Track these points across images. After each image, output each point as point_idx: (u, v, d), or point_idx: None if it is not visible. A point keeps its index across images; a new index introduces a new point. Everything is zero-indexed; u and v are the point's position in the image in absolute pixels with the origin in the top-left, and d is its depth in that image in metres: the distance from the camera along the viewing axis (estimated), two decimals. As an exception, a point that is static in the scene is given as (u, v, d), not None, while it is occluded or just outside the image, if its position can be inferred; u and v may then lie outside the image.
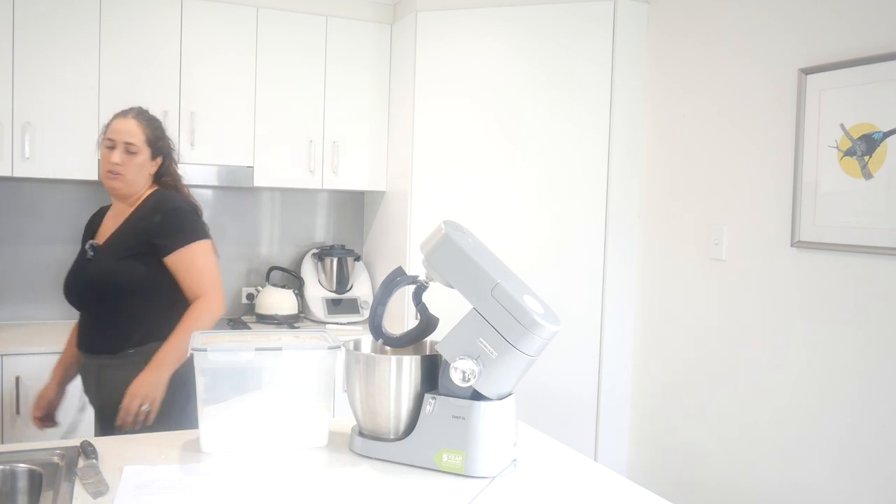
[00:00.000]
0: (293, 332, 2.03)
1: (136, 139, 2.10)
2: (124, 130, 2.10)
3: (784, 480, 2.44)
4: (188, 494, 1.39)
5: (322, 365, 1.69)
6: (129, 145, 2.09)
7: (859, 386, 2.21)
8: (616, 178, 3.06)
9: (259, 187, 3.49)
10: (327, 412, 1.71)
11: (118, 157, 2.08)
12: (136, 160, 2.10)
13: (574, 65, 3.07)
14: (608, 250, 3.07)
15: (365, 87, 3.48)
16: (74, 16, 3.01)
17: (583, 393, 3.10)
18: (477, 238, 1.67)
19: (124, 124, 2.11)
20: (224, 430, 1.62)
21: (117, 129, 2.10)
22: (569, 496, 1.47)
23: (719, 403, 2.69)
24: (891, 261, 2.12)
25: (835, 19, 2.29)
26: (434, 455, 1.53)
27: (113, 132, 2.11)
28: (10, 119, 2.94)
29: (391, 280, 1.65)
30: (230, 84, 3.27)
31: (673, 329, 2.92)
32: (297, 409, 1.69)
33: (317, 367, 1.69)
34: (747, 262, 2.59)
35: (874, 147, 2.15)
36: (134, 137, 2.10)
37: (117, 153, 2.08)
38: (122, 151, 2.09)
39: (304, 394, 1.69)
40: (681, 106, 2.90)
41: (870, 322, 2.18)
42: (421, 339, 1.69)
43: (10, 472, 1.51)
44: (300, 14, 3.37)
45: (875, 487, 2.16)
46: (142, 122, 2.13)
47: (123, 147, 2.09)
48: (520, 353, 1.48)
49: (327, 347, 1.68)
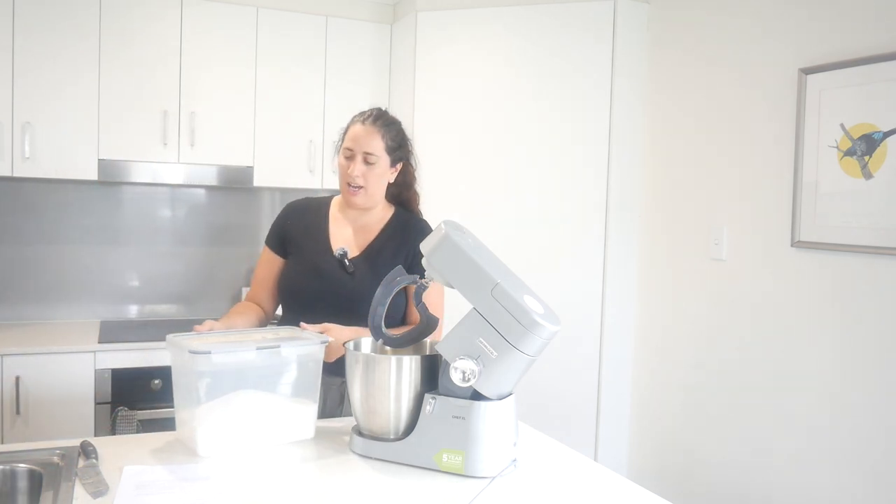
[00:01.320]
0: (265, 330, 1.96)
1: (375, 148, 1.94)
2: (363, 138, 1.95)
3: (784, 480, 2.44)
4: (188, 494, 1.39)
5: (313, 359, 1.72)
6: (369, 155, 1.95)
7: (860, 385, 2.21)
8: (616, 178, 3.06)
9: (259, 187, 3.49)
10: (315, 405, 1.73)
11: (358, 169, 1.94)
12: (376, 171, 1.95)
13: (574, 65, 3.07)
14: (608, 250, 3.06)
15: (365, 87, 3.48)
16: (74, 16, 3.01)
17: (583, 393, 3.10)
18: (477, 238, 1.67)
19: (363, 130, 1.96)
20: (219, 431, 1.62)
21: (356, 137, 1.96)
22: (569, 496, 1.47)
23: (719, 403, 2.69)
24: (891, 261, 2.12)
25: (835, 19, 2.29)
26: (434, 455, 1.53)
27: (351, 140, 1.96)
28: (10, 119, 2.94)
29: (391, 280, 1.65)
30: (230, 84, 3.27)
31: (673, 329, 2.92)
32: (286, 405, 1.70)
33: (307, 362, 1.71)
34: (747, 262, 2.59)
35: (874, 147, 2.15)
36: (373, 146, 1.94)
37: (357, 164, 1.94)
38: (361, 162, 1.95)
39: (294, 389, 1.71)
40: (681, 106, 2.90)
41: (870, 322, 2.18)
42: (421, 339, 1.69)
43: (10, 472, 1.51)
44: (300, 14, 3.37)
45: (875, 487, 2.16)
46: (380, 127, 1.96)
47: (363, 157, 1.95)
48: (520, 353, 1.48)
49: (321, 342, 1.71)
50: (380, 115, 2.00)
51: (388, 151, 1.98)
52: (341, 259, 1.98)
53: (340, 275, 1.97)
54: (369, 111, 2.01)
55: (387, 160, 1.98)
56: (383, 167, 1.98)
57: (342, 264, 1.97)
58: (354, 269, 1.97)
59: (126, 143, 3.11)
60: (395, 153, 2.00)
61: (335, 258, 1.98)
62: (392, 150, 1.98)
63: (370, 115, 1.99)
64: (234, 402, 1.63)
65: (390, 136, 1.97)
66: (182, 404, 1.66)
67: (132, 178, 3.18)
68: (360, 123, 1.98)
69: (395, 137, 1.99)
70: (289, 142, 3.38)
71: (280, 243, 2.10)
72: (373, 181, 1.96)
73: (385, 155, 1.97)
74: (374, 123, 1.96)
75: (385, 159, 1.97)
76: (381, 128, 1.96)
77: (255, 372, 1.66)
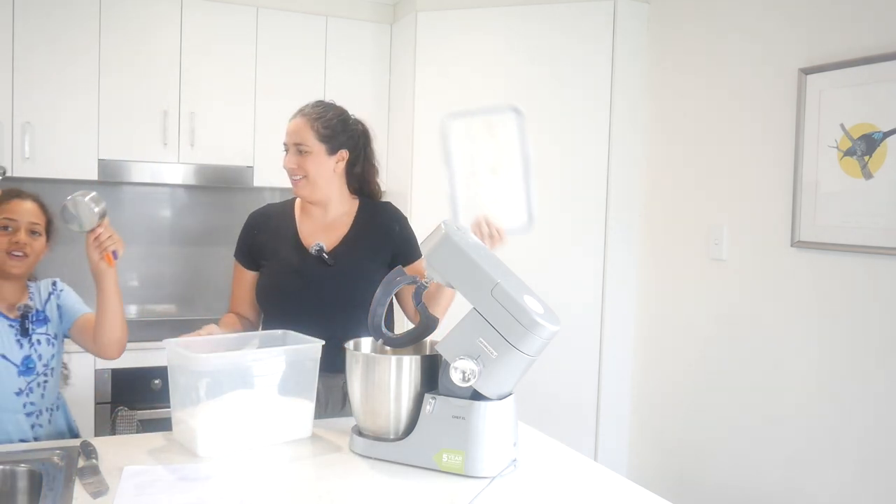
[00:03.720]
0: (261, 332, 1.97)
1: (304, 139, 1.96)
2: (292, 131, 1.98)
3: (784, 480, 2.43)
4: (188, 494, 1.39)
5: (310, 357, 1.72)
6: (299, 145, 1.97)
7: (860, 385, 2.21)
8: (616, 178, 3.06)
9: (259, 187, 3.49)
10: (311, 403, 1.74)
11: (291, 161, 1.97)
12: (311, 160, 1.97)
13: (574, 64, 3.07)
14: (608, 250, 3.06)
15: (365, 87, 3.48)
16: (74, 16, 3.01)
17: (583, 393, 3.10)
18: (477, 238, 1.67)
19: (293, 124, 1.99)
20: (218, 431, 1.62)
21: (288, 131, 1.99)
22: (569, 496, 1.47)
23: (719, 403, 2.69)
24: (891, 261, 2.12)
25: (835, 19, 2.29)
26: (434, 455, 1.53)
27: (286, 134, 2.00)
28: (10, 119, 2.94)
29: (391, 280, 1.65)
30: (230, 84, 3.27)
31: (673, 329, 2.92)
32: (283, 404, 1.71)
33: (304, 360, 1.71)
34: (747, 262, 2.59)
35: (874, 147, 2.15)
36: (301, 137, 1.96)
37: (290, 156, 1.98)
38: (294, 153, 1.98)
39: (290, 388, 1.71)
40: (681, 106, 2.90)
41: (870, 322, 2.18)
42: (421, 339, 1.69)
43: (10, 472, 1.51)
44: (300, 14, 3.37)
45: (875, 487, 2.16)
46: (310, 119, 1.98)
47: (295, 149, 1.98)
48: (520, 353, 1.48)
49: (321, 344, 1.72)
50: (315, 105, 2.02)
51: (323, 140, 1.97)
52: (318, 254, 1.97)
53: (320, 270, 1.96)
54: (305, 105, 2.03)
55: (321, 148, 1.97)
56: (319, 156, 1.97)
57: (320, 259, 1.97)
58: (335, 260, 1.96)
59: (126, 143, 3.11)
60: (332, 141, 1.99)
61: (311, 256, 1.98)
62: (327, 137, 1.97)
63: (302, 108, 2.02)
64: (231, 402, 1.63)
65: (321, 124, 1.97)
66: (179, 405, 1.66)
67: (132, 178, 3.18)
68: (293, 117, 2.01)
69: (329, 125, 1.98)
70: (289, 142, 3.38)
71: (249, 256, 2.09)
72: (311, 170, 1.97)
73: (318, 143, 1.97)
74: (302, 115, 1.99)
75: (319, 147, 1.97)
76: (310, 118, 1.97)
77: (253, 372, 1.66)
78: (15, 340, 1.79)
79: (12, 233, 1.79)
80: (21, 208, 1.81)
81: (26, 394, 1.79)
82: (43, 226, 1.85)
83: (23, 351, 1.79)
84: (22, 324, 1.80)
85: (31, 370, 1.80)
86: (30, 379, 1.80)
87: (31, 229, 1.81)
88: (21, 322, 1.80)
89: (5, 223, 1.79)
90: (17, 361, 1.78)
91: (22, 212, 1.81)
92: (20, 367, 1.78)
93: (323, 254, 1.96)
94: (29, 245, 1.80)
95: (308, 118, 1.97)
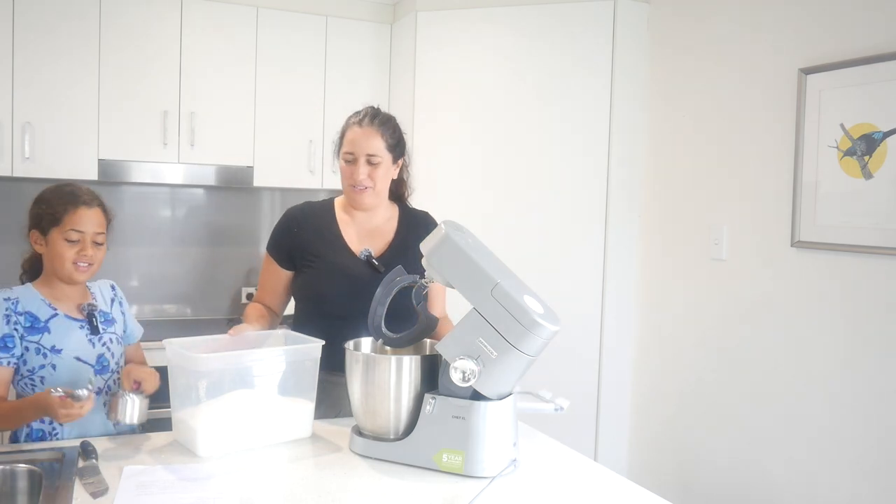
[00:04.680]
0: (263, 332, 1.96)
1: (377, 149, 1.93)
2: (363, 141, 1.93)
3: (784, 480, 2.44)
4: (188, 494, 1.39)
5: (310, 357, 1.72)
6: (372, 157, 1.93)
7: (860, 385, 2.21)
8: (616, 178, 3.06)
9: (259, 187, 3.49)
10: (311, 403, 1.74)
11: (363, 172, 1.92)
12: (380, 170, 1.94)
13: (574, 64, 3.07)
14: (608, 250, 3.06)
15: (365, 87, 3.48)
16: (74, 16, 3.01)
17: (583, 393, 3.10)
18: (477, 238, 1.67)
19: (362, 133, 1.93)
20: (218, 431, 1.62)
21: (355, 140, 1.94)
22: (569, 496, 1.47)
23: (719, 403, 2.69)
24: (891, 261, 2.12)
25: (835, 19, 2.29)
26: (434, 455, 1.53)
27: (350, 143, 1.95)
28: (10, 119, 2.94)
29: (391, 280, 1.65)
30: (230, 84, 3.27)
31: (673, 329, 2.92)
32: (284, 404, 1.71)
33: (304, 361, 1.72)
34: (747, 262, 2.59)
35: (874, 147, 2.15)
36: (374, 147, 1.92)
37: (361, 167, 1.93)
38: (364, 164, 1.93)
39: (290, 388, 1.71)
40: (681, 106, 2.90)
41: (870, 322, 2.18)
42: (421, 339, 1.69)
43: (10, 472, 1.51)
44: (300, 14, 3.37)
45: (876, 487, 2.16)
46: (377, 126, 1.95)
47: (366, 159, 1.93)
48: (520, 353, 1.48)
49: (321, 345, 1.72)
50: (375, 113, 1.98)
51: (390, 149, 1.96)
52: (367, 260, 1.96)
53: (370, 275, 1.94)
54: (364, 111, 1.98)
55: (389, 158, 1.97)
56: (387, 166, 1.97)
57: (370, 264, 1.96)
58: (386, 267, 1.92)
59: (126, 143, 3.11)
60: (396, 149, 1.99)
61: (359, 260, 1.97)
62: (392, 147, 1.97)
63: (366, 114, 1.96)
64: (231, 403, 1.63)
65: (389, 133, 1.96)
66: (179, 405, 1.66)
67: (132, 178, 3.18)
68: (357, 126, 1.95)
69: (394, 134, 1.98)
70: (289, 142, 3.38)
71: (287, 255, 2.05)
72: (379, 181, 1.95)
73: (387, 153, 1.95)
74: (371, 124, 1.94)
75: (388, 157, 1.96)
76: (379, 127, 1.94)
77: (253, 372, 1.66)
78: (87, 340, 1.77)
79: (79, 243, 1.74)
80: (88, 219, 1.75)
81: (104, 392, 1.79)
82: (105, 233, 1.82)
83: (95, 350, 1.78)
84: (90, 322, 1.78)
85: (105, 368, 1.80)
86: (106, 377, 1.80)
87: (96, 240, 1.77)
88: (89, 321, 1.78)
89: (74, 236, 1.74)
90: (91, 361, 1.77)
91: (89, 223, 1.75)
92: (96, 367, 1.77)
93: (372, 259, 1.96)
94: (94, 256, 1.77)
95: (377, 127, 1.94)
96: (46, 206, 1.76)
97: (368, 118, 1.95)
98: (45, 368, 1.72)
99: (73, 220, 1.74)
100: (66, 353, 1.73)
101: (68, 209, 1.74)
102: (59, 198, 1.76)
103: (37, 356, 1.72)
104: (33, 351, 1.72)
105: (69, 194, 1.77)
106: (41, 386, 1.71)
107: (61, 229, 1.74)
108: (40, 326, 1.73)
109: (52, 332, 1.73)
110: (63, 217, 1.74)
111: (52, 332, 1.73)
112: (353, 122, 1.96)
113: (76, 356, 1.75)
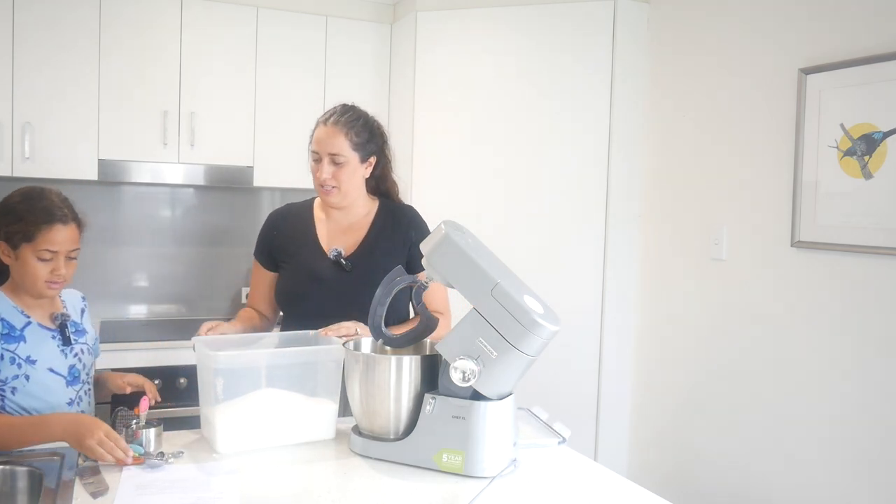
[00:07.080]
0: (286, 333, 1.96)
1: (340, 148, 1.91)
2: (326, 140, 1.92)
3: (784, 480, 2.43)
4: (188, 494, 1.39)
5: (333, 359, 1.71)
6: (335, 156, 1.92)
7: (860, 385, 2.21)
8: (616, 178, 3.06)
9: (259, 187, 3.49)
10: (335, 405, 1.72)
11: (326, 171, 1.92)
12: (346, 170, 1.93)
13: (574, 65, 3.07)
14: (608, 250, 3.06)
15: (365, 87, 3.48)
16: (74, 16, 3.01)
17: (583, 393, 3.10)
18: (477, 238, 1.67)
19: (325, 132, 1.93)
20: (239, 429, 1.62)
21: (319, 139, 1.93)
22: (569, 496, 1.47)
23: (719, 403, 2.69)
24: (891, 261, 2.12)
25: (835, 19, 2.29)
26: (434, 455, 1.53)
27: (316, 142, 1.94)
28: (10, 119, 2.94)
29: (391, 280, 1.65)
30: (230, 84, 3.27)
31: (673, 329, 2.92)
32: (306, 405, 1.70)
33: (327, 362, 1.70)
34: (747, 262, 2.59)
35: (874, 147, 2.15)
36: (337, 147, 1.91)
37: (325, 166, 1.92)
38: (328, 164, 1.92)
39: (313, 389, 1.70)
40: (681, 106, 2.90)
41: (870, 322, 2.18)
42: (421, 339, 1.69)
43: (10, 472, 1.51)
44: (300, 14, 3.37)
45: (875, 487, 2.16)
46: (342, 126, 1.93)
47: (329, 159, 1.92)
48: (520, 353, 1.48)
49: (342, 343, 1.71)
50: (343, 111, 1.96)
51: (356, 148, 1.94)
52: (336, 260, 1.96)
53: (338, 276, 1.96)
54: (332, 110, 1.97)
55: (355, 157, 1.95)
56: (353, 165, 1.95)
57: (338, 265, 1.96)
58: (352, 266, 1.96)
59: (126, 143, 3.11)
60: (365, 148, 1.96)
61: (330, 260, 1.97)
62: (360, 146, 1.95)
63: (332, 114, 1.96)
64: (253, 401, 1.63)
65: (354, 132, 1.94)
66: (204, 402, 1.68)
67: (132, 178, 3.18)
68: (322, 124, 1.95)
69: (361, 133, 1.95)
70: (289, 142, 3.37)
71: (269, 257, 2.07)
72: (345, 180, 1.94)
73: (352, 153, 1.94)
74: (335, 123, 1.93)
75: (353, 157, 1.94)
76: (344, 126, 1.93)
77: (274, 372, 1.66)
78: (59, 351, 1.75)
79: (52, 262, 1.68)
80: (63, 238, 1.68)
81: (76, 403, 1.77)
82: (80, 246, 1.75)
83: (67, 360, 1.76)
84: (62, 332, 1.76)
85: (76, 379, 1.78)
86: (77, 388, 1.78)
87: (70, 256, 1.71)
88: (61, 331, 1.76)
89: (47, 256, 1.67)
90: (63, 373, 1.74)
91: (63, 241, 1.68)
92: (67, 378, 1.75)
93: (341, 259, 1.96)
94: (67, 273, 1.71)
95: (341, 126, 1.93)
96: (19, 223, 1.67)
97: (335, 117, 1.94)
98: (17, 379, 1.66)
99: (47, 239, 1.66)
100: (41, 364, 1.69)
101: (41, 228, 1.66)
102: (31, 214, 1.67)
103: (11, 366, 1.66)
104: (8, 360, 1.66)
105: (43, 211, 1.68)
106: (11, 397, 1.66)
107: (34, 247, 1.66)
108: (16, 335, 1.68)
109: (27, 342, 1.69)
110: (37, 235, 1.66)
111: (27, 342, 1.69)
112: (320, 121, 1.97)
113: (49, 367, 1.71)
